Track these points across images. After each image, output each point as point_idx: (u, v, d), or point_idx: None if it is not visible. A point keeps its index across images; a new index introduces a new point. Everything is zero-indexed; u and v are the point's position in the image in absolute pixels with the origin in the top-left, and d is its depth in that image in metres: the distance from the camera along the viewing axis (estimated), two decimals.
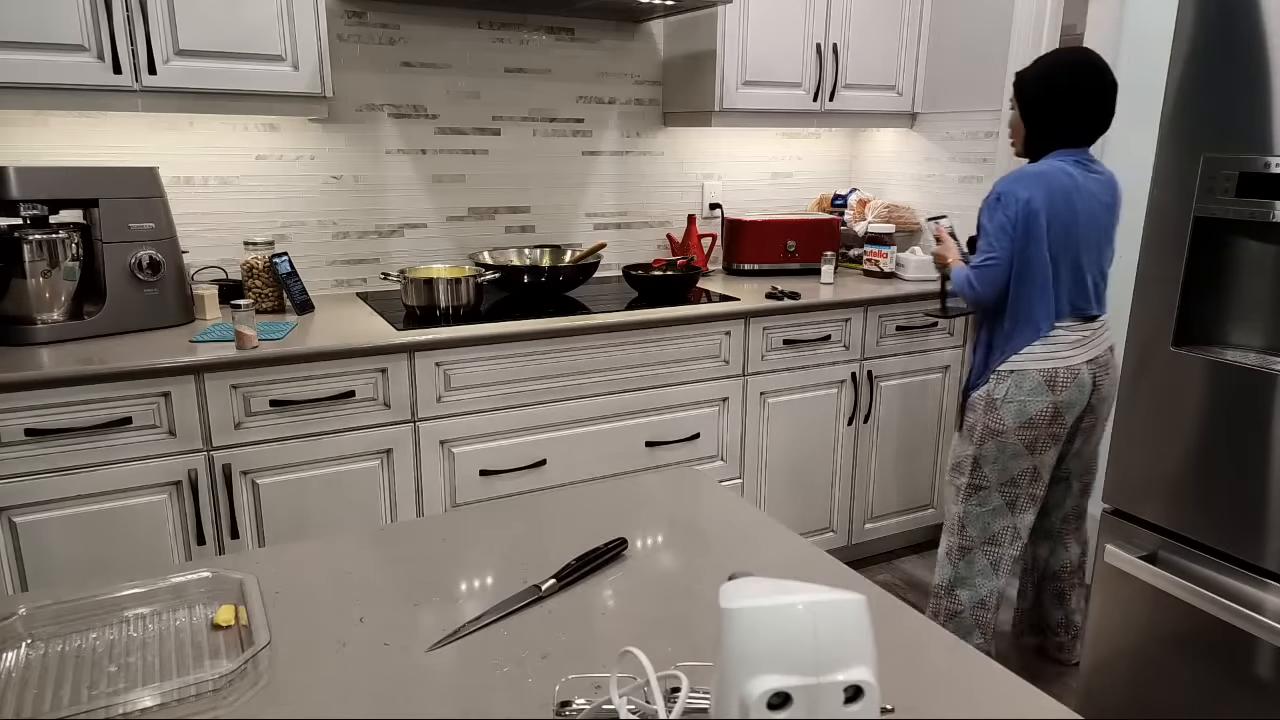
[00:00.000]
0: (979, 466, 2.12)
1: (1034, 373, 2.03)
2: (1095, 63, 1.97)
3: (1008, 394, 2.05)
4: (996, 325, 2.08)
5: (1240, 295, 1.65)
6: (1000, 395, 2.06)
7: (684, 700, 0.72)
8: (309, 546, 1.11)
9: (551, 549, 1.10)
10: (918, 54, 2.97)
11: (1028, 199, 1.95)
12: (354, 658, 0.88)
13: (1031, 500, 2.14)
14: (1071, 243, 2.01)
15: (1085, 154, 2.05)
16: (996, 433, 2.08)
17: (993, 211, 2.00)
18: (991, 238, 1.99)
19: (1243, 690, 1.63)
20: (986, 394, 2.09)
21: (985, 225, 2.02)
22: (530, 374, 2.22)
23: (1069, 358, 2.04)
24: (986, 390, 2.09)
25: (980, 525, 2.14)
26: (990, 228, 2.00)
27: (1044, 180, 1.97)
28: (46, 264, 1.93)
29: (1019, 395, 2.04)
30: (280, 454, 1.98)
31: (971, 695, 0.82)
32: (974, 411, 2.12)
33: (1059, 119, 2.01)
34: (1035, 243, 1.97)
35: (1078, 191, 1.98)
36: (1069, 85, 1.97)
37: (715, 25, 2.60)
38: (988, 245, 2.01)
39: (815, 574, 1.06)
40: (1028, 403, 2.04)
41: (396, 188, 2.61)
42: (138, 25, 1.94)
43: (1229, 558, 1.64)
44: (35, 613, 0.91)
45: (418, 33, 2.54)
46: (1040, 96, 2.01)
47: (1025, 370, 2.04)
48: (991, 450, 2.10)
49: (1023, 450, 2.08)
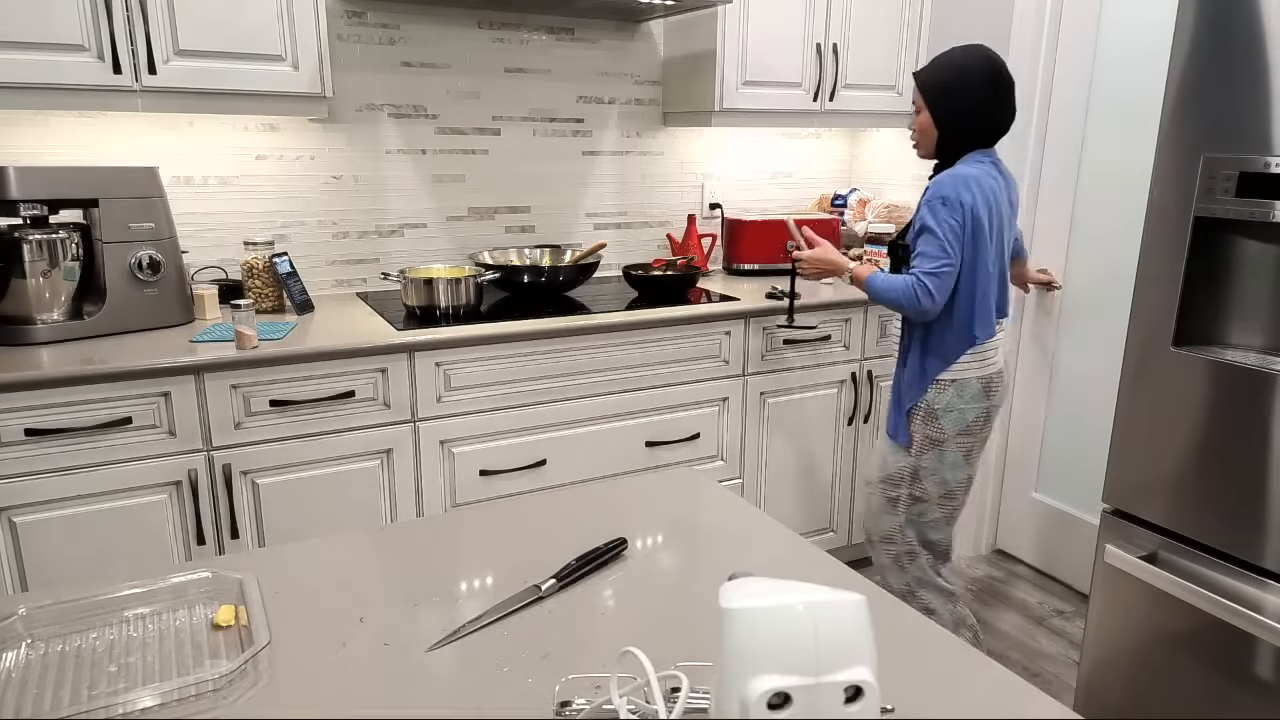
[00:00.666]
0: (919, 479, 2.06)
1: (974, 380, 1.99)
2: (998, 61, 1.93)
3: (949, 403, 1.99)
4: (933, 333, 1.99)
5: (1240, 295, 1.65)
6: (941, 405, 2.00)
7: (684, 700, 0.72)
8: (309, 546, 1.11)
9: (551, 549, 1.10)
10: (918, 54, 2.97)
11: (972, 203, 1.88)
12: (354, 658, 0.88)
13: (959, 512, 2.12)
14: (1000, 247, 1.98)
15: (994, 154, 2.00)
16: (937, 443, 2.02)
17: (940, 215, 1.89)
18: (945, 242, 1.89)
19: (1243, 690, 1.63)
20: (926, 405, 2.01)
21: (934, 229, 1.89)
22: (530, 374, 2.22)
23: (998, 362, 2.03)
24: (926, 401, 2.01)
25: (920, 535, 2.11)
26: (942, 232, 1.89)
27: (980, 184, 1.91)
28: (46, 264, 1.93)
29: (959, 403, 1.99)
30: (280, 454, 1.98)
31: (971, 695, 0.82)
32: (910, 421, 2.04)
33: (973, 120, 1.95)
34: (979, 248, 1.91)
35: (999, 194, 1.95)
36: (982, 85, 1.92)
37: (715, 25, 2.60)
38: (941, 250, 1.89)
39: (815, 574, 1.06)
40: (966, 410, 2.00)
41: (396, 188, 2.61)
42: (138, 25, 1.94)
43: (1229, 558, 1.64)
44: (35, 613, 0.91)
45: (418, 33, 2.54)
46: (954, 98, 1.95)
47: (966, 379, 1.99)
48: (931, 461, 2.04)
49: (960, 460, 2.04)
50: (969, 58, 1.95)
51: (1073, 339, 2.73)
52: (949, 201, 1.88)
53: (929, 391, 2.01)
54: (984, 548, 3.06)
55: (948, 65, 1.96)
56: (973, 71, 1.93)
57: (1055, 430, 2.82)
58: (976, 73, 1.93)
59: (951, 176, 1.92)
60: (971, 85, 1.93)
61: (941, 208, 1.89)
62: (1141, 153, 2.46)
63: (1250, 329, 1.65)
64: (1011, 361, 2.90)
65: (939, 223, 1.89)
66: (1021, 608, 2.72)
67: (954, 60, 1.95)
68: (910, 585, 2.17)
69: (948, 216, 1.88)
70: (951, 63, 1.95)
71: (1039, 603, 2.75)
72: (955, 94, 1.94)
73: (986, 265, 1.93)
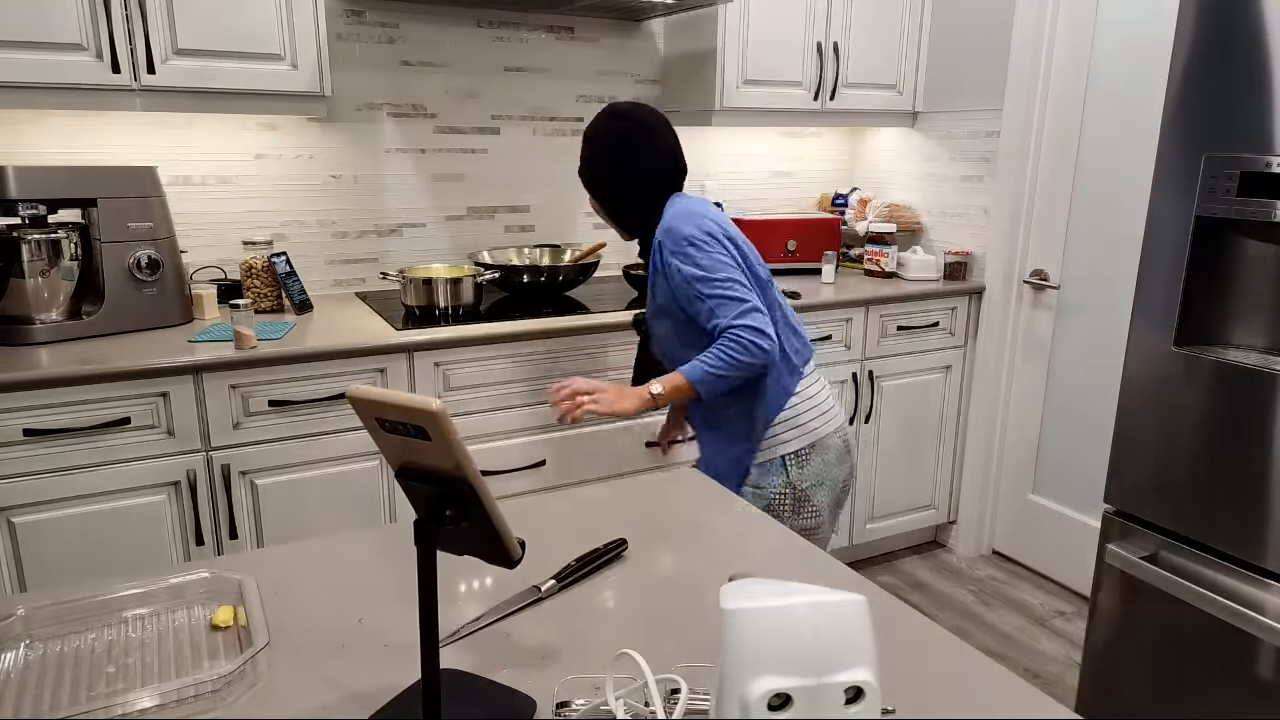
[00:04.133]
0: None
1: (833, 437, 1.69)
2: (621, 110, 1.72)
3: (817, 476, 1.67)
4: (748, 399, 1.66)
5: (1242, 295, 1.65)
6: (809, 482, 1.66)
7: (685, 702, 0.72)
8: (308, 547, 1.11)
9: (551, 549, 1.10)
10: (918, 53, 2.97)
11: (716, 228, 1.63)
12: (354, 658, 0.87)
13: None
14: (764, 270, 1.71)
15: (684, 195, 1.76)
16: (811, 531, 1.68)
17: (701, 254, 1.59)
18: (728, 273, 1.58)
19: (1244, 690, 1.63)
20: (790, 489, 1.65)
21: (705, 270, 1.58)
22: (530, 374, 2.22)
23: (838, 409, 1.73)
24: (786, 484, 1.65)
25: None
26: (715, 265, 1.58)
27: (706, 212, 1.65)
28: (45, 264, 1.93)
29: (828, 470, 1.68)
30: (279, 454, 1.98)
31: (971, 695, 0.82)
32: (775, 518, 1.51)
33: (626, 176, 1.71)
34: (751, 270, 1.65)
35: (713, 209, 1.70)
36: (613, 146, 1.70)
37: (716, 24, 2.60)
38: (729, 283, 1.57)
39: (816, 575, 1.05)
40: (837, 474, 1.70)
41: (395, 187, 2.61)
42: (137, 25, 1.93)
43: (1230, 558, 1.64)
44: (34, 613, 0.90)
45: (417, 31, 2.54)
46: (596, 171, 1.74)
47: (824, 439, 1.67)
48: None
49: (830, 535, 1.76)
50: (593, 128, 1.74)
51: (1070, 339, 2.73)
52: (695, 239, 1.60)
53: (784, 472, 1.66)
54: (984, 548, 3.06)
55: (583, 144, 1.77)
56: (598, 138, 1.73)
57: (1053, 432, 2.81)
58: (601, 138, 1.72)
59: (675, 218, 1.65)
60: (606, 150, 1.71)
61: (692, 249, 1.60)
62: (1139, 151, 2.46)
63: (1251, 329, 1.64)
64: (1009, 362, 2.90)
65: (706, 260, 1.59)
66: (1023, 609, 2.72)
67: (585, 136, 1.76)
68: None
69: (711, 250, 1.60)
70: (584, 141, 1.77)
71: (1040, 604, 2.75)
72: (595, 169, 1.74)
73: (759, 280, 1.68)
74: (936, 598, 2.78)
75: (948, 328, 2.87)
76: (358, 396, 0.70)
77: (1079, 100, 2.61)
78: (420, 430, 0.68)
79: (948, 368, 2.90)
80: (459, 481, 0.71)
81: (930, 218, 3.08)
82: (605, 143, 1.72)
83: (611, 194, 1.76)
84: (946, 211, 3.01)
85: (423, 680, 0.72)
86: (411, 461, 0.73)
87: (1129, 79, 2.48)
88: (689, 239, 1.60)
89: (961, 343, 2.91)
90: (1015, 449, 2.94)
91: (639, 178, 1.71)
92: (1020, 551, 2.98)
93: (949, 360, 2.90)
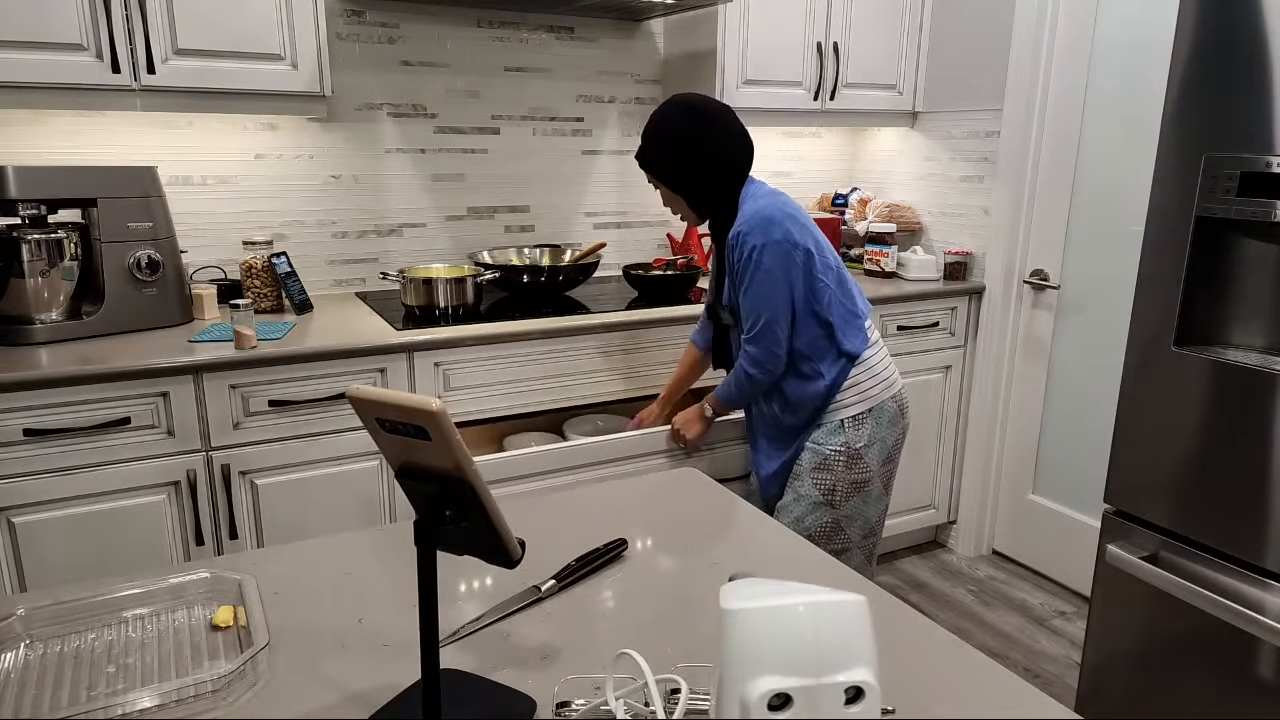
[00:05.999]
0: (841, 530, 1.89)
1: (889, 401, 1.88)
2: (693, 100, 1.82)
3: (870, 436, 1.86)
4: (809, 374, 1.86)
5: (1242, 295, 1.65)
6: (863, 442, 1.86)
7: (685, 702, 0.72)
8: (308, 547, 1.11)
9: (551, 549, 1.10)
10: (919, 53, 2.97)
11: (782, 235, 1.76)
12: (354, 658, 0.87)
13: (879, 546, 2.02)
14: (833, 258, 1.87)
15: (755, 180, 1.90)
16: (862, 485, 1.88)
17: (758, 269, 1.77)
18: (758, 296, 1.78)
19: (1244, 690, 1.62)
20: (845, 446, 1.86)
21: (751, 284, 1.79)
22: (530, 374, 2.22)
23: (896, 374, 1.93)
24: (843, 443, 1.86)
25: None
26: (756, 285, 1.78)
27: (774, 208, 1.78)
28: (45, 264, 1.93)
29: (880, 433, 1.87)
30: (279, 454, 1.98)
31: (971, 695, 0.82)
32: (829, 473, 1.86)
33: (699, 165, 1.81)
34: (811, 269, 1.80)
35: (791, 204, 1.83)
36: (687, 133, 1.79)
37: (715, 24, 2.60)
38: (756, 308, 1.79)
39: (816, 575, 1.05)
40: (887, 436, 1.89)
41: (396, 187, 2.61)
42: (136, 25, 1.93)
43: (1230, 558, 1.64)
44: (34, 613, 0.90)
45: (417, 31, 2.54)
46: (666, 157, 1.83)
47: (881, 404, 1.87)
48: (856, 506, 1.89)
49: (883, 491, 1.93)
50: (661, 112, 1.83)
51: (1070, 339, 2.73)
52: (756, 251, 1.77)
53: (844, 432, 1.86)
54: (984, 548, 3.06)
55: (648, 131, 1.85)
56: (668, 123, 1.81)
57: (1052, 432, 2.81)
58: (672, 123, 1.81)
59: (749, 221, 1.79)
60: (679, 130, 1.80)
61: (753, 261, 1.77)
62: (1138, 151, 2.46)
63: (1251, 329, 1.64)
64: (1009, 362, 2.90)
65: (754, 275, 1.78)
66: (1023, 609, 2.72)
67: (651, 123, 1.84)
68: None
69: (768, 264, 1.76)
70: (650, 127, 1.84)
71: (1040, 604, 2.75)
72: (664, 154, 1.83)
73: (825, 280, 1.82)
74: (936, 598, 2.78)
75: (948, 328, 2.87)
76: (358, 396, 0.70)
77: (1079, 100, 2.61)
78: (420, 430, 0.68)
79: (948, 368, 2.90)
80: (459, 481, 0.71)
81: (930, 218, 3.08)
82: (678, 123, 1.81)
83: (686, 173, 1.84)
84: (946, 211, 3.01)
85: (423, 680, 0.72)
86: (411, 461, 0.73)
87: (1129, 79, 2.48)
88: (754, 248, 1.77)
89: (961, 343, 2.91)
90: (1015, 449, 2.94)
91: (714, 155, 1.81)
92: (1020, 551, 2.98)
93: (949, 360, 2.90)
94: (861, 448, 1.87)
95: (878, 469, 1.90)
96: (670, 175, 1.86)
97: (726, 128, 1.82)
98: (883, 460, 1.91)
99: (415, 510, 0.74)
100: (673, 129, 1.81)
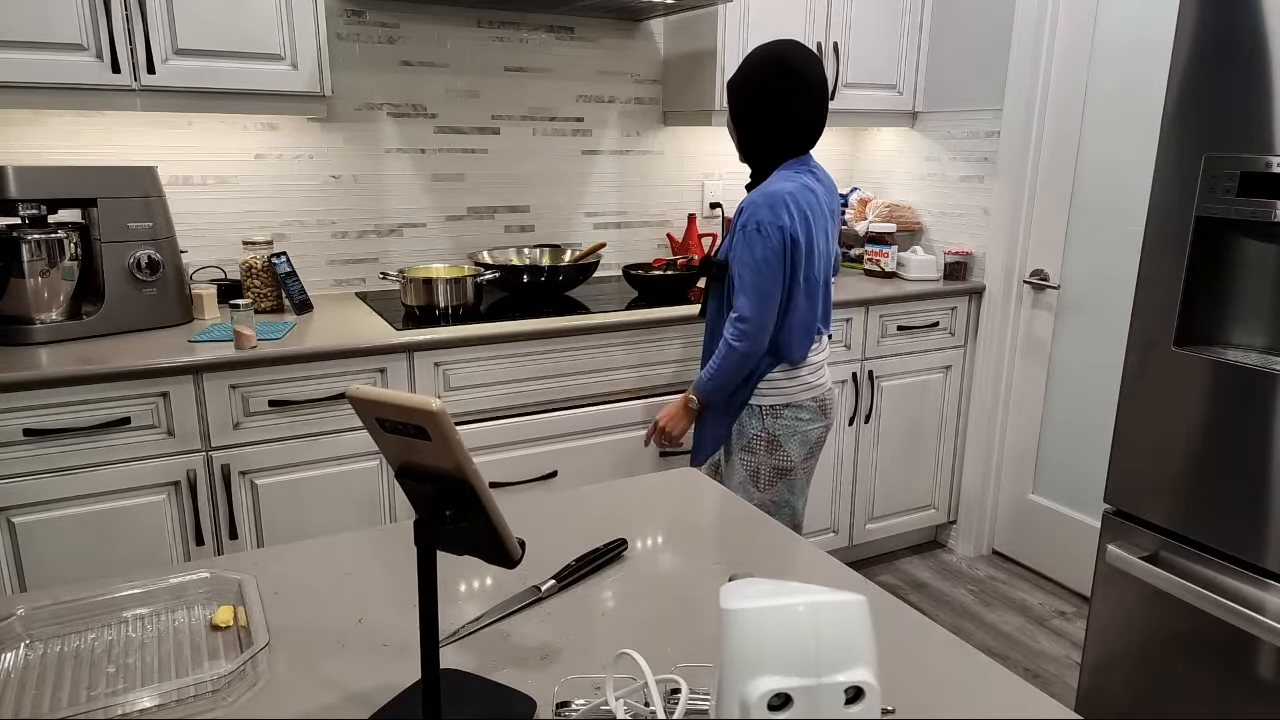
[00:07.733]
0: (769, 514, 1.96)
1: (808, 400, 1.94)
2: (792, 60, 1.80)
3: (790, 428, 1.92)
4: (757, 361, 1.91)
5: (1242, 295, 1.65)
6: (781, 431, 1.92)
7: (685, 702, 0.72)
8: (308, 547, 1.11)
9: (551, 549, 1.10)
10: (919, 53, 2.97)
11: (790, 225, 1.78)
12: (354, 658, 0.87)
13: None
14: (821, 264, 1.89)
15: (811, 161, 1.91)
16: (785, 472, 1.94)
17: (753, 243, 1.79)
18: (756, 273, 1.79)
19: (1243, 690, 1.62)
20: (765, 432, 1.92)
21: (746, 258, 1.81)
22: (530, 374, 2.22)
23: (826, 380, 1.98)
24: (762, 429, 1.92)
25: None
26: (755, 261, 1.79)
27: (795, 201, 1.80)
28: (45, 264, 1.93)
29: (801, 426, 1.93)
30: (279, 454, 1.98)
31: (971, 695, 0.82)
32: (753, 455, 1.94)
33: (765, 124, 1.84)
34: (796, 271, 1.83)
35: (817, 208, 1.85)
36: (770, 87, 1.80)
37: (715, 24, 2.60)
38: (752, 283, 1.80)
39: (816, 575, 1.05)
40: (809, 431, 1.94)
41: (395, 187, 2.61)
42: (136, 25, 1.93)
43: (1230, 558, 1.64)
44: (34, 613, 0.90)
45: (417, 31, 2.54)
46: (742, 99, 1.85)
47: (800, 400, 1.92)
48: (782, 493, 1.96)
49: (805, 486, 1.99)
50: (758, 56, 1.82)
51: (1070, 339, 2.73)
52: (763, 227, 1.78)
53: (764, 419, 1.92)
54: (984, 548, 3.06)
55: (742, 65, 1.85)
56: (759, 70, 1.80)
57: (1052, 432, 2.81)
58: (764, 73, 1.80)
59: (766, 197, 1.81)
60: (758, 85, 1.80)
61: (756, 235, 1.79)
62: (1138, 151, 2.46)
63: (1251, 329, 1.64)
64: (1009, 362, 2.90)
65: (753, 252, 1.80)
66: (1023, 608, 2.72)
67: (748, 59, 1.85)
68: None
69: (761, 245, 1.79)
70: (745, 62, 1.85)
71: (1040, 604, 2.75)
72: (742, 95, 1.84)
73: (803, 287, 1.85)
74: (936, 598, 2.78)
75: (948, 328, 2.87)
76: (358, 396, 0.70)
77: (1079, 100, 2.61)
78: (420, 430, 0.68)
79: (948, 368, 2.90)
80: (459, 481, 0.71)
81: (930, 218, 3.08)
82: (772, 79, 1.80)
83: (746, 124, 1.87)
84: (946, 211, 3.01)
85: (423, 680, 0.72)
86: (411, 461, 0.73)
87: (1129, 79, 2.48)
88: (758, 223, 1.79)
89: (961, 343, 2.91)
90: (1015, 449, 2.94)
91: (779, 128, 1.84)
92: (1020, 551, 2.98)
93: (949, 360, 2.90)
94: (780, 436, 1.93)
95: (799, 461, 1.95)
96: (733, 113, 1.90)
97: (799, 108, 1.81)
98: (804, 455, 1.96)
99: (415, 510, 0.74)
100: (761, 79, 1.82)
